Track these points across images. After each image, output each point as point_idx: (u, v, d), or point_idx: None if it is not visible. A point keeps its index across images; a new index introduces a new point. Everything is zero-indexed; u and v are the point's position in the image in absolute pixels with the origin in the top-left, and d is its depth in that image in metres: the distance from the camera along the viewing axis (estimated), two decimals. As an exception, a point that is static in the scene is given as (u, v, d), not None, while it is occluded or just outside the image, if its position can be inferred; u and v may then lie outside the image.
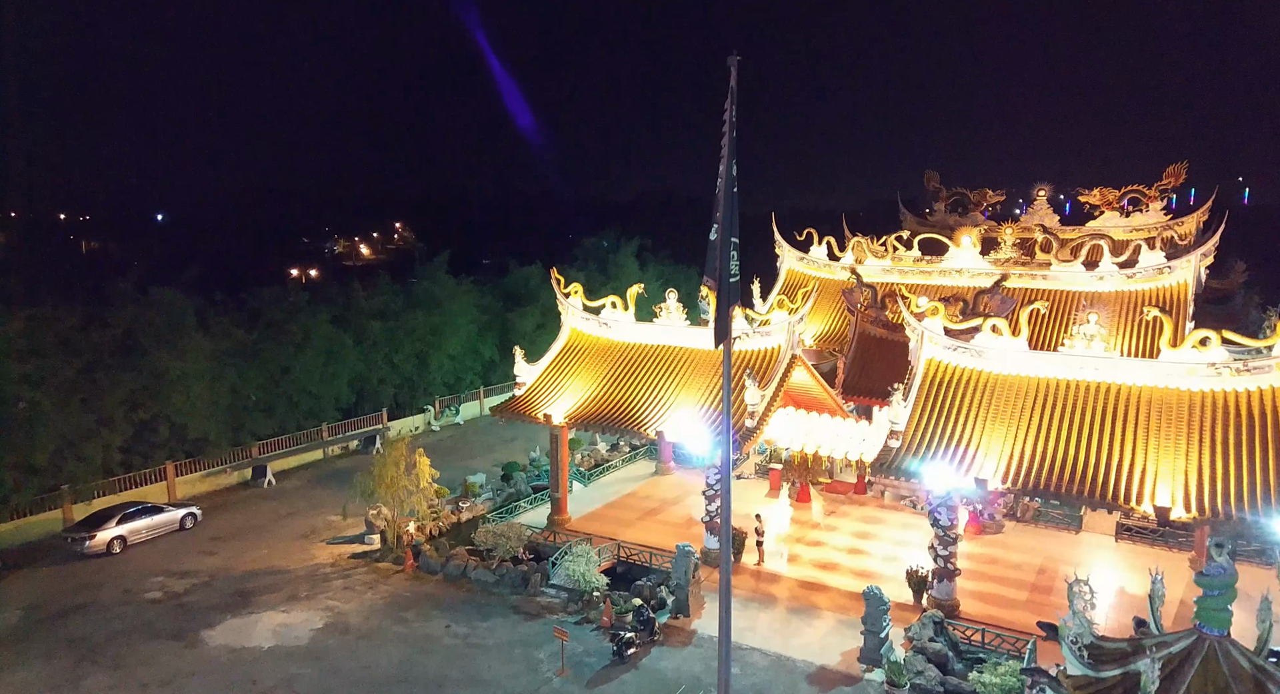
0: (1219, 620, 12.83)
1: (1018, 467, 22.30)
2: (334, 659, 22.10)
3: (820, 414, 30.44)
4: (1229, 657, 12.59)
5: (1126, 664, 13.10)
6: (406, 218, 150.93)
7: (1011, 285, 41.61)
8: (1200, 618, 12.97)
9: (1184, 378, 22.44)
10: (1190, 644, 12.92)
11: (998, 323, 25.75)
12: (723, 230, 14.43)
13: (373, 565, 28.76)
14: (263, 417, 40.70)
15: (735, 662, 21.93)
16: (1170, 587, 18.89)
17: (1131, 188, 59.08)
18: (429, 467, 30.22)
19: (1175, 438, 21.41)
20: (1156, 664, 12.15)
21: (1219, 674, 12.44)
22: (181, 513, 32.79)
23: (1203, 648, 12.78)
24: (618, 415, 29.64)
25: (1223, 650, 12.67)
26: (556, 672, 21.38)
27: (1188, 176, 59.51)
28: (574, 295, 34.76)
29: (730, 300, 14.72)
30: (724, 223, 14.40)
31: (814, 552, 29.37)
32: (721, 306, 14.75)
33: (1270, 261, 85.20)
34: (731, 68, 13.85)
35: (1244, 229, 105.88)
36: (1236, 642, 12.83)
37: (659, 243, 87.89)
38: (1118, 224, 57.32)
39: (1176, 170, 58.54)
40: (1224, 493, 19.78)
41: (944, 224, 60.25)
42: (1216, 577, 12.87)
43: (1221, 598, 12.81)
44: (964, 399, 25.13)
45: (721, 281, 14.56)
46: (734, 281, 14.74)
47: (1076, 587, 14.43)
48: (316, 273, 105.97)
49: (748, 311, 31.46)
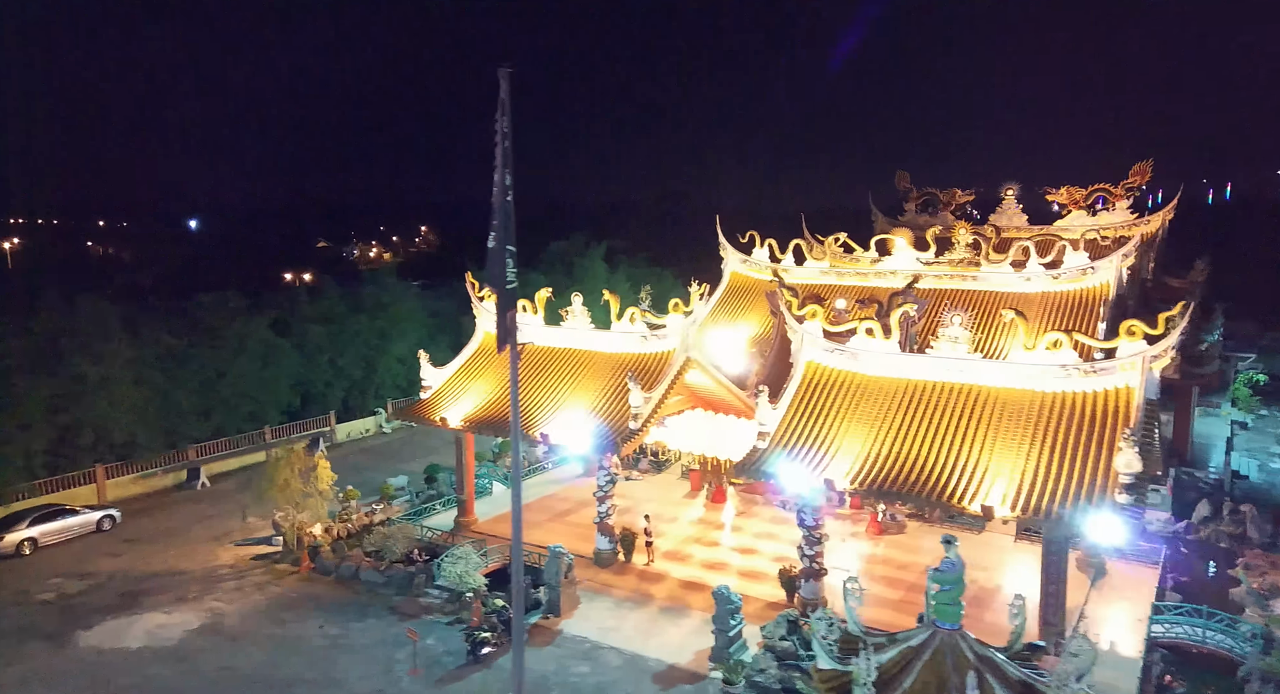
0: (950, 614, 13.05)
1: (868, 467, 22.48)
2: (197, 660, 22.54)
3: (727, 416, 30.71)
4: (956, 649, 12.81)
5: (871, 659, 13.33)
6: (432, 222, 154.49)
7: (944, 287, 41.67)
8: (935, 613, 13.19)
9: (1037, 379, 22.56)
10: (925, 638, 13.14)
11: (872, 325, 25.93)
12: (499, 238, 14.85)
13: (270, 567, 29.22)
14: (197, 420, 41.30)
15: (588, 661, 22.25)
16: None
17: (1098, 187, 58.95)
18: (329, 470, 30.64)
19: (1020, 438, 21.55)
20: (871, 659, 12.39)
21: (944, 666, 12.66)
22: (98, 515, 33.37)
23: (934, 641, 13.00)
24: (509, 418, 29.93)
25: (951, 643, 12.89)
26: (409, 672, 21.74)
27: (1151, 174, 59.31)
28: (488, 299, 35.11)
29: (509, 305, 15.12)
30: (500, 231, 14.82)
31: (709, 552, 29.61)
32: (501, 311, 15.14)
33: (1242, 259, 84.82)
34: (502, 80, 14.23)
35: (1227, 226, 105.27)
36: (968, 635, 13.05)
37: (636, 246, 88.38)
38: (1085, 223, 57.13)
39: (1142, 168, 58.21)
40: (1051, 491, 19.90)
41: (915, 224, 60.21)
42: (947, 573, 13.08)
43: (952, 593, 13.02)
44: (836, 401, 25.31)
45: (501, 288, 14.97)
46: (512, 288, 15.13)
47: (849, 583, 14.68)
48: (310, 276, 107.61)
49: (647, 314, 31.77)
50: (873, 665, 12.36)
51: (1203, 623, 21.19)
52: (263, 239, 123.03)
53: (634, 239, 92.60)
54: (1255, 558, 27.69)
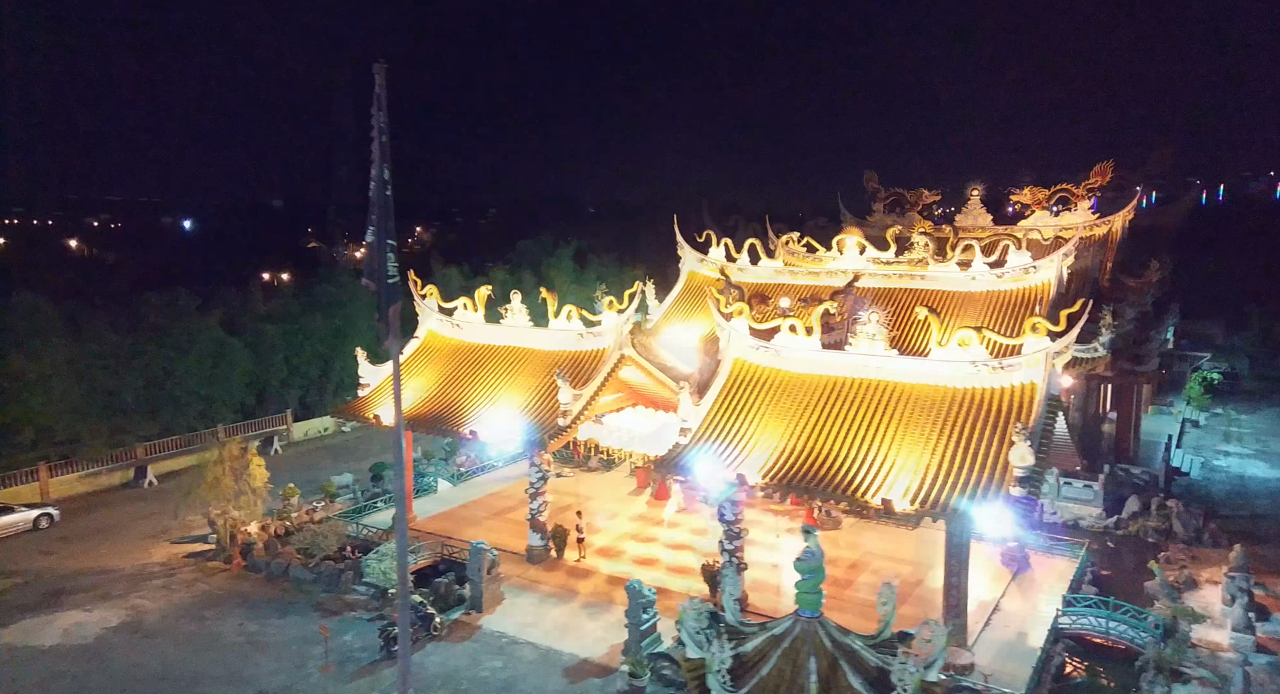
0: (811, 602, 13.18)
1: (781, 462, 22.61)
2: (108, 658, 22.44)
3: (668, 413, 30.80)
4: (815, 637, 12.94)
5: (737, 647, 13.46)
6: (427, 222, 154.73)
7: (893, 286, 41.95)
8: (797, 601, 13.32)
9: (948, 376, 22.77)
10: (788, 626, 13.27)
11: (795, 323, 26.09)
12: (378, 232, 14.92)
13: (201, 564, 29.13)
14: (144, 418, 41.06)
15: (501, 655, 22.30)
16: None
17: (1060, 187, 59.44)
18: (263, 468, 30.55)
19: (927, 434, 21.73)
20: (725, 647, 12.51)
21: (801, 653, 12.79)
22: (35, 513, 33.17)
23: (795, 629, 13.13)
24: (443, 415, 30.03)
25: (811, 631, 13.01)
26: (321, 668, 21.72)
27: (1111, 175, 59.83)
28: (430, 297, 35.17)
29: (390, 300, 15.16)
30: (379, 225, 14.89)
31: (643, 548, 29.70)
32: (383, 306, 15.17)
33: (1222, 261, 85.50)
34: (377, 75, 14.32)
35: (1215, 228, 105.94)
36: (828, 622, 13.18)
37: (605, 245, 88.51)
38: (1047, 223, 57.59)
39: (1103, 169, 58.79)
40: (951, 485, 20.10)
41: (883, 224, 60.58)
42: (807, 562, 13.22)
43: (812, 581, 13.16)
44: (759, 397, 25.45)
45: (381, 282, 15.01)
46: (393, 282, 15.18)
47: (724, 573, 14.79)
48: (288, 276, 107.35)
49: (583, 313, 31.86)
50: (727, 654, 12.48)
51: (1107, 614, 21.42)
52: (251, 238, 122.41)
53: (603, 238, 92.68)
54: (1177, 552, 28.05)
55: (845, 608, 23.89)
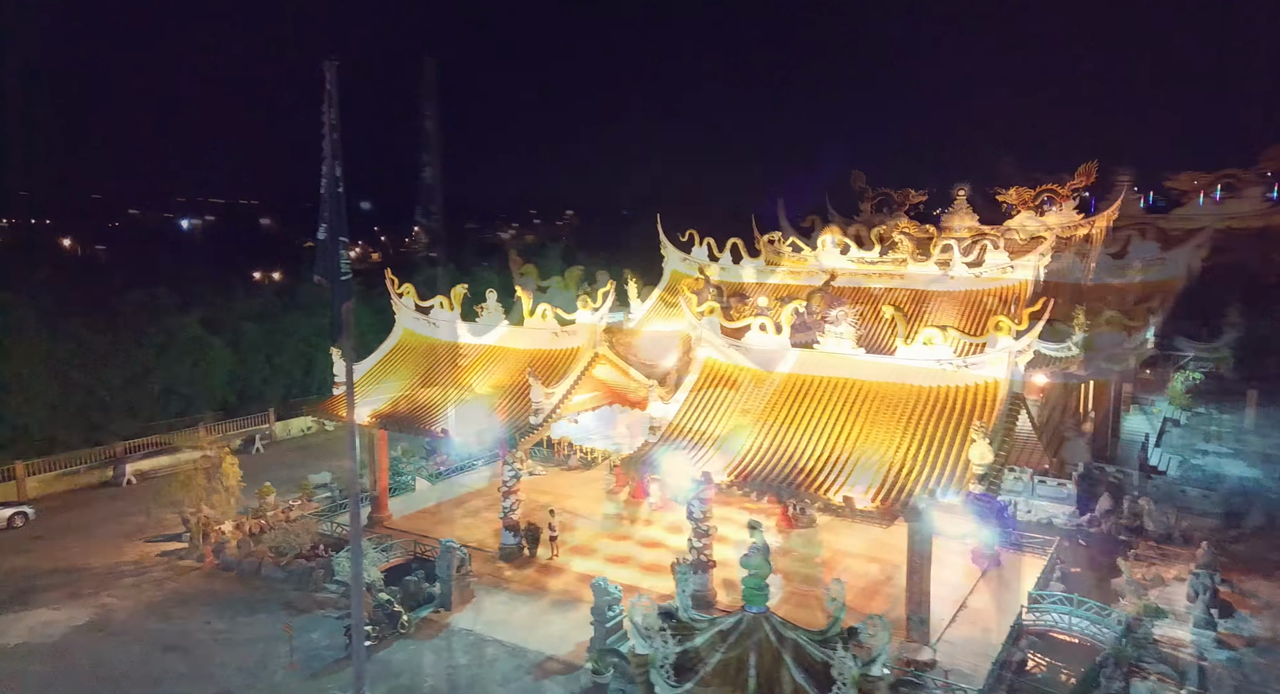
0: (758, 597, 13.23)
1: (747, 460, 22.67)
2: (73, 657, 22.38)
3: (644, 411, 30.79)
4: (760, 631, 13.00)
5: (684, 643, 13.51)
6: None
7: (873, 285, 42.14)
8: (744, 597, 13.37)
9: (914, 374, 22.85)
10: (735, 621, 13.33)
11: (765, 321, 26.15)
12: (330, 230, 14.94)
13: (173, 563, 29.06)
14: (123, 417, 40.98)
15: (469, 653, 22.31)
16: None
17: (1045, 187, 59.68)
18: (236, 467, 30.53)
19: (892, 431, 21.80)
20: (669, 642, 12.55)
21: (745, 648, 12.85)
22: (10, 512, 33.04)
23: (742, 624, 13.18)
24: (416, 413, 30.02)
25: (756, 625, 13.07)
26: (287, 666, 21.70)
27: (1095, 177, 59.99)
28: (406, 295, 35.13)
29: (343, 297, 15.19)
30: (331, 222, 14.90)
31: (616, 546, 29.71)
32: (336, 303, 15.21)
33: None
34: (327, 72, 14.34)
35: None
36: (773, 617, 13.24)
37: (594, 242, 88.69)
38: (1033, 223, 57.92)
39: (1088, 169, 59.10)
40: (913, 483, 20.18)
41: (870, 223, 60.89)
42: (753, 558, 13.26)
43: (759, 576, 13.21)
44: (728, 396, 25.50)
45: (334, 279, 15.04)
46: (346, 279, 15.19)
47: (677, 568, 14.84)
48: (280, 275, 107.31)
49: (559, 311, 31.86)
50: (670, 649, 12.52)
51: (1070, 611, 21.52)
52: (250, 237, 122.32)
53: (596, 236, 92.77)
54: (1147, 549, 28.18)
55: (814, 606, 23.97)
